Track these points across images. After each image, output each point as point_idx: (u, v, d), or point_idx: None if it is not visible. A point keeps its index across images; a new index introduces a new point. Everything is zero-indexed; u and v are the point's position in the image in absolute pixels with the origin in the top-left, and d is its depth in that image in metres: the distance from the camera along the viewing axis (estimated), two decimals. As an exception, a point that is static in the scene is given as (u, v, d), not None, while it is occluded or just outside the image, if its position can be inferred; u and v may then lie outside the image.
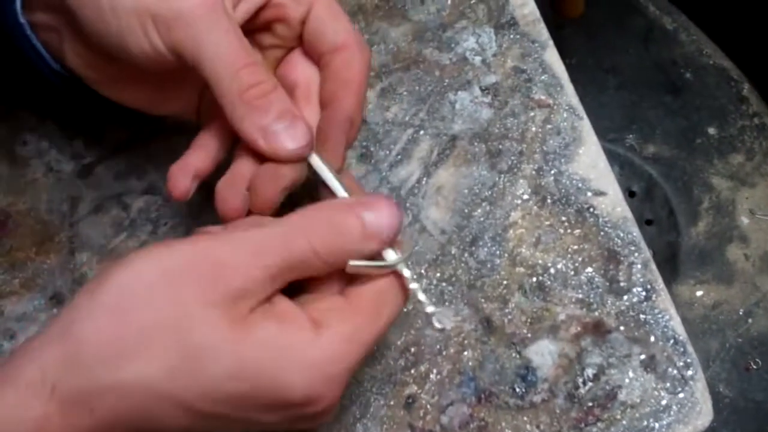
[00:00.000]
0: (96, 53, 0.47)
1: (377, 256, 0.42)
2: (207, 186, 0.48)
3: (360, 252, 0.40)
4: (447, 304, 0.55)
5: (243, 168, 0.46)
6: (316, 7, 0.47)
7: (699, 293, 0.71)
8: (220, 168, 0.47)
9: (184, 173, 0.47)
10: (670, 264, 0.72)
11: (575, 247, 0.56)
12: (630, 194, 0.75)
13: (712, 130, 0.79)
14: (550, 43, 0.63)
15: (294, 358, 0.38)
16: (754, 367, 0.69)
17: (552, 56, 0.62)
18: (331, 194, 0.45)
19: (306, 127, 0.44)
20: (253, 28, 0.48)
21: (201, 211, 0.58)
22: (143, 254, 0.38)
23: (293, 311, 0.39)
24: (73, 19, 0.45)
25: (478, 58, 0.63)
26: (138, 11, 0.42)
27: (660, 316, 0.54)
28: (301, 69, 0.49)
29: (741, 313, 0.70)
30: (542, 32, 0.63)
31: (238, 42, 0.43)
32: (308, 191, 0.47)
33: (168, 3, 0.42)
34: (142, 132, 0.60)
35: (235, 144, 0.47)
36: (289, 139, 0.44)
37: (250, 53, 0.44)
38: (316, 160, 0.45)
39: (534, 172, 0.58)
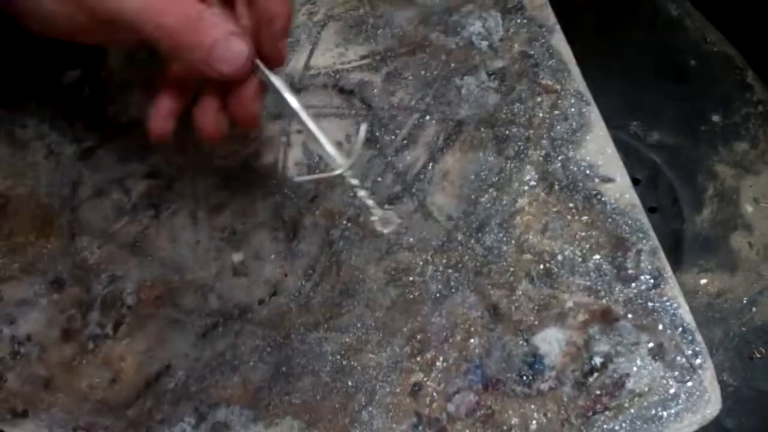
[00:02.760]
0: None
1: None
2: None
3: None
4: (453, 291, 0.54)
5: (211, 93, 0.49)
6: None
7: (703, 281, 0.71)
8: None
9: (161, 115, 0.50)
10: (674, 252, 0.72)
11: (583, 233, 0.56)
12: (634, 181, 0.74)
13: (716, 118, 0.78)
14: (557, 27, 0.62)
15: None
16: (758, 355, 0.68)
17: (559, 41, 0.62)
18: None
19: (241, 40, 0.45)
20: None
21: (207, 193, 0.57)
22: None
23: None
24: None
25: (484, 43, 0.62)
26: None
27: (668, 304, 0.54)
28: None
29: (745, 301, 0.70)
30: (549, 17, 0.63)
31: None
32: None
33: None
34: (143, 114, 0.60)
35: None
36: (229, 61, 0.45)
37: None
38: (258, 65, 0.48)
39: (541, 158, 0.58)
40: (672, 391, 0.52)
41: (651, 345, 0.53)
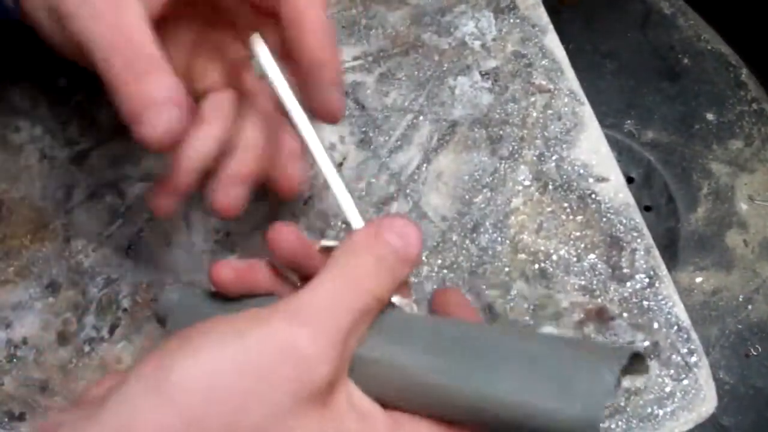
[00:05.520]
0: None
1: None
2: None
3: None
4: (448, 291, 0.54)
5: None
6: None
7: (698, 280, 0.71)
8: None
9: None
10: (669, 250, 0.72)
11: (577, 233, 0.56)
12: (628, 180, 0.74)
13: (710, 116, 0.78)
14: (551, 27, 0.62)
15: None
16: (754, 353, 0.69)
17: (552, 41, 0.62)
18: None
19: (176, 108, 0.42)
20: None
21: (201, 196, 0.57)
22: (212, 344, 0.34)
23: (372, 408, 0.37)
24: None
25: (477, 43, 0.62)
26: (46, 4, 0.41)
27: (663, 302, 0.54)
28: None
29: (741, 299, 0.70)
30: (542, 16, 0.63)
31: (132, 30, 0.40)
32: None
33: None
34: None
35: None
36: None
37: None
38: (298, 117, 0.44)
39: (535, 158, 0.58)
40: (668, 389, 0.52)
41: (646, 344, 0.53)
